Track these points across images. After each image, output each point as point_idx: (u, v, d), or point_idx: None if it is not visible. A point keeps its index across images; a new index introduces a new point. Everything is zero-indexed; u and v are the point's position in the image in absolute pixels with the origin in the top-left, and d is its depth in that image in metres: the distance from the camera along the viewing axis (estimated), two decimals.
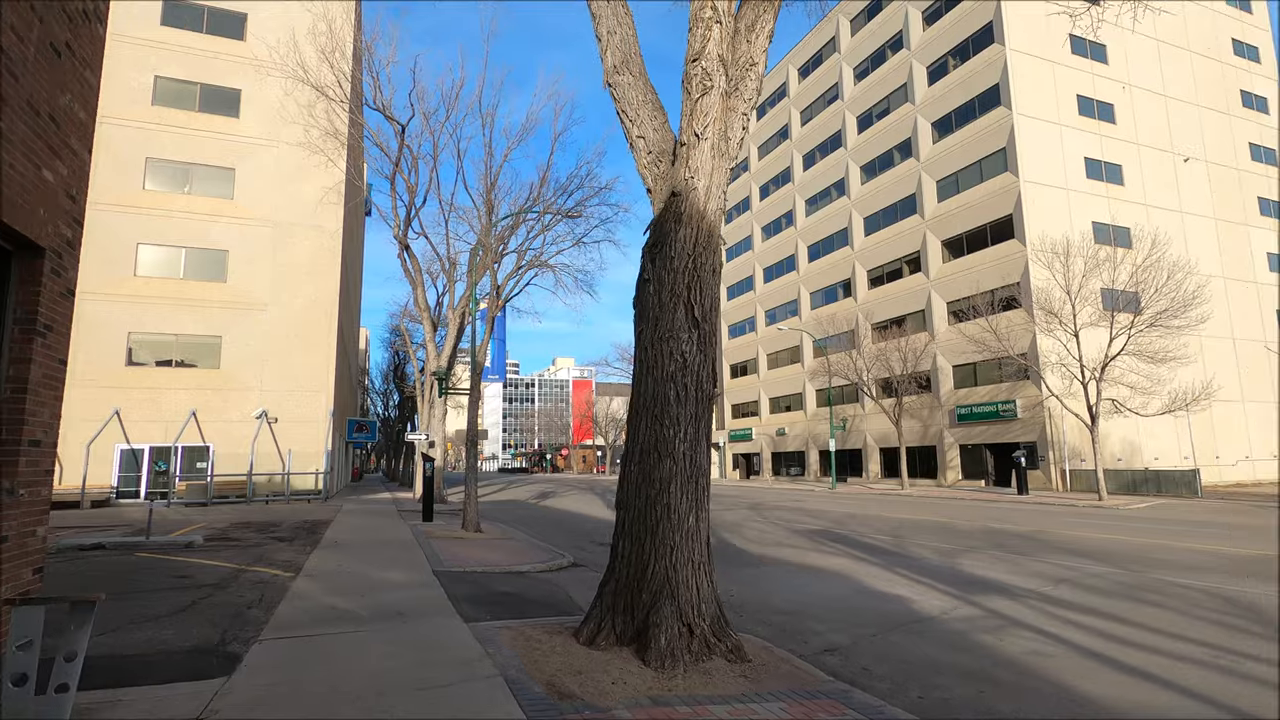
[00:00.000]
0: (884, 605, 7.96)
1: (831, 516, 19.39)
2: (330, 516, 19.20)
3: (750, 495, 31.36)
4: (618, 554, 5.63)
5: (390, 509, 22.53)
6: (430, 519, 17.77)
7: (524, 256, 15.91)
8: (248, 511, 21.12)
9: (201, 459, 25.25)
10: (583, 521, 19.53)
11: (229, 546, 12.57)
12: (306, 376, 27.09)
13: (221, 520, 18.14)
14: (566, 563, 11.22)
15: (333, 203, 28.09)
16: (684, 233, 5.80)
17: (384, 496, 30.85)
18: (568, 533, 16.39)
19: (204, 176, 26.98)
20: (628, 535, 5.61)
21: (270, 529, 15.84)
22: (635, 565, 5.46)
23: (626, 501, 5.71)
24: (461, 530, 15.03)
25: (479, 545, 12.99)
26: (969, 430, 34.58)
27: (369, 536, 14.18)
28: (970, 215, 35.03)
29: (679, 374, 5.68)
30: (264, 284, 27.02)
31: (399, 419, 57.02)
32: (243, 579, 9.00)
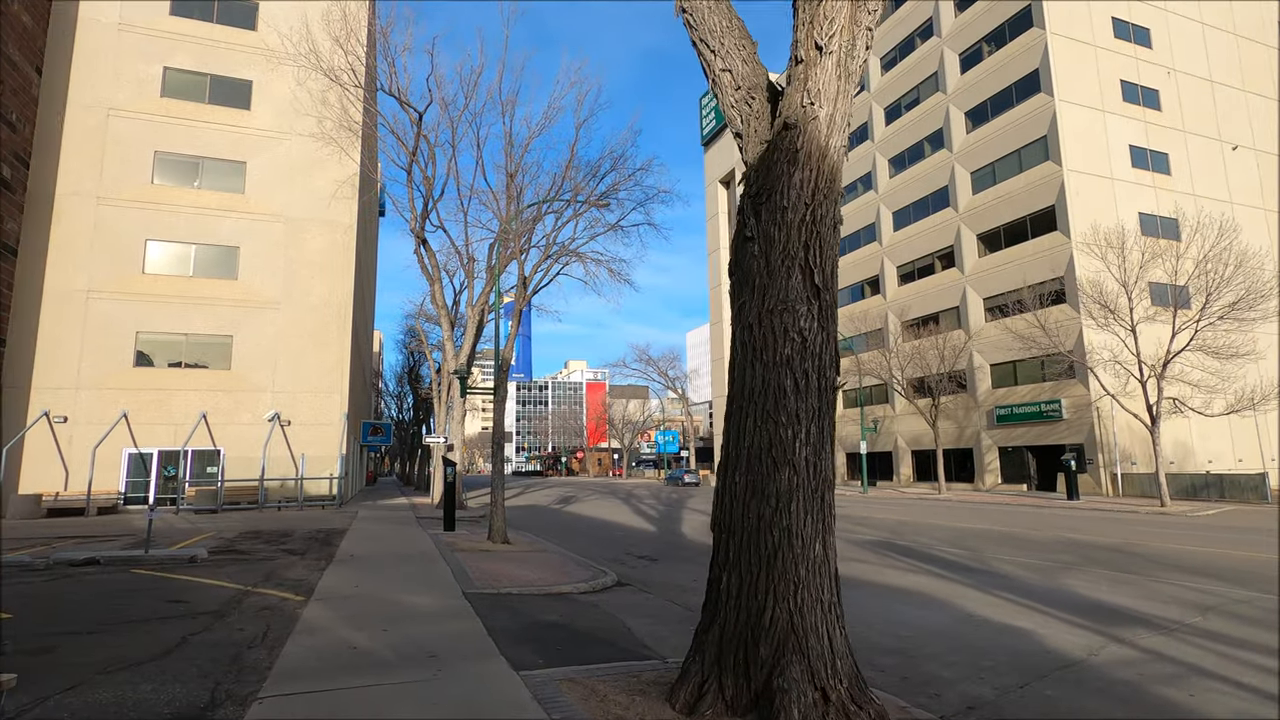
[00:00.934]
0: (1009, 641, 6.62)
1: (883, 524, 17.98)
2: (345, 525, 18.04)
3: None
4: (722, 592, 4.33)
5: (408, 516, 21.37)
6: (452, 528, 16.56)
7: (552, 245, 14.71)
8: (259, 519, 20.02)
9: (212, 464, 24.21)
10: (613, 530, 18.25)
11: (235, 561, 11.39)
12: (320, 377, 26.02)
13: (231, 529, 17.02)
14: (611, 582, 9.95)
15: (346, 197, 27.02)
16: (800, 176, 4.51)
17: (400, 502, 29.73)
18: (601, 543, 15.12)
19: (214, 170, 26.00)
20: (733, 568, 4.31)
21: (281, 539, 14.68)
22: (747, 608, 4.16)
23: (730, 523, 4.41)
24: (488, 541, 13.79)
25: (510, 560, 11.74)
26: (1009, 432, 32.99)
27: (387, 549, 12.98)
28: (1009, 207, 33.48)
29: (797, 357, 4.38)
30: (276, 281, 25.99)
31: (413, 422, 56.05)
32: (246, 605, 7.79)
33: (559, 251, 14.48)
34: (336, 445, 25.63)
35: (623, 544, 15.04)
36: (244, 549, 13.05)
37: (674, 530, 17.87)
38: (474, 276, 25.25)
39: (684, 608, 8.27)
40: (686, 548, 14.38)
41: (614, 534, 17.28)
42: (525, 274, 14.46)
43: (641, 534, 17.13)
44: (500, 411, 14.35)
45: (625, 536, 16.61)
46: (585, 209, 14.56)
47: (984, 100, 35.32)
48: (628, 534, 17.18)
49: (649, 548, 14.34)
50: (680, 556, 13.06)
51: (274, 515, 21.44)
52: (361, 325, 35.49)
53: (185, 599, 8.13)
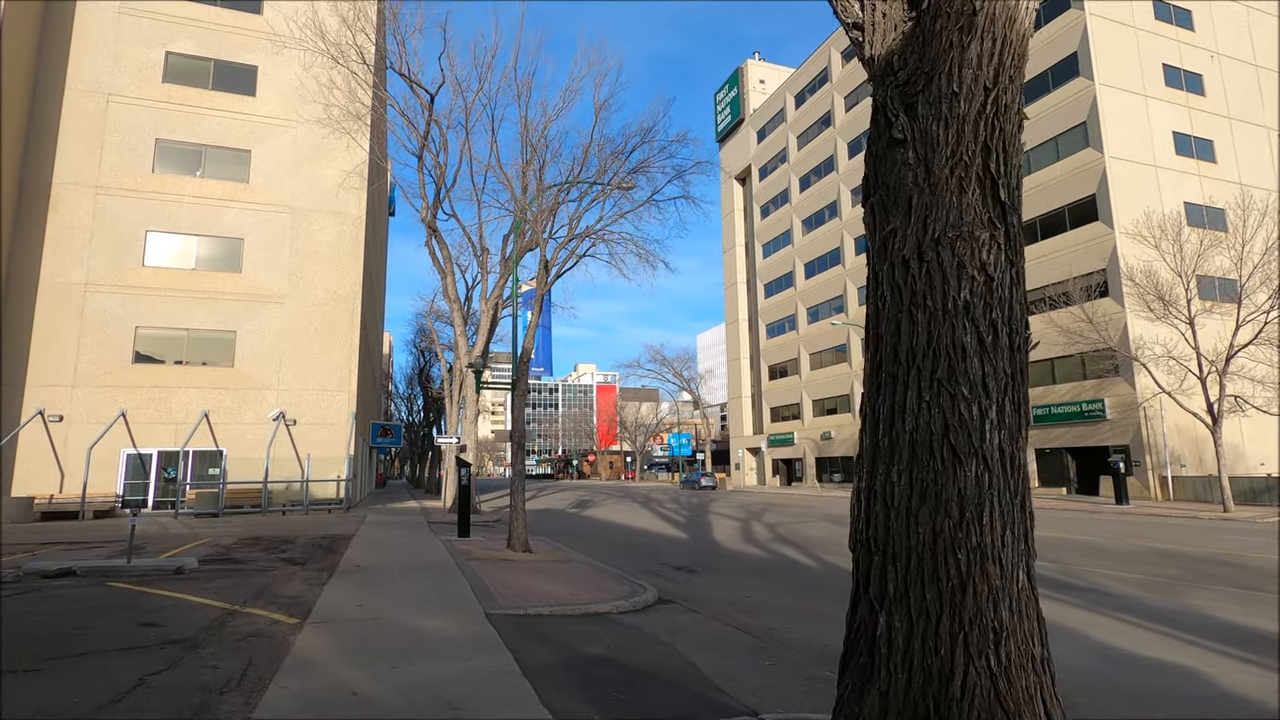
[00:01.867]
0: (1176, 683, 5.26)
1: None
2: (352, 530, 16.81)
3: (810, 505, 28.55)
4: (880, 642, 2.99)
5: (419, 521, 20.13)
6: (467, 533, 15.30)
7: (575, 226, 13.47)
8: (261, 524, 18.83)
9: (213, 465, 23.07)
10: (639, 537, 16.92)
11: (227, 572, 10.15)
12: (327, 375, 24.86)
13: (229, 534, 15.82)
14: (652, 598, 8.63)
15: (355, 187, 25.88)
16: (978, 49, 3.19)
17: (410, 505, 28.52)
18: (629, 551, 13.79)
19: (217, 159, 24.93)
20: (897, 606, 2.97)
21: (281, 546, 13.44)
22: (924, 667, 2.83)
23: (886, 540, 3.07)
24: (507, 549, 12.50)
25: (534, 571, 10.44)
26: (1046, 433, 31.42)
27: (397, 558, 11.71)
28: (1045, 197, 31.97)
29: (979, 303, 3.08)
30: (281, 274, 24.87)
31: (424, 423, 54.97)
32: (229, 630, 6.52)
33: (584, 233, 13.19)
34: (344, 446, 24.44)
35: (653, 552, 13.72)
36: (239, 557, 11.82)
37: (705, 537, 16.52)
38: (488, 269, 24.05)
39: (747, 633, 6.95)
40: (723, 557, 13.04)
41: (640, 541, 15.96)
42: (547, 257, 13.20)
43: (670, 541, 15.80)
44: (520, 407, 13.08)
45: (654, 544, 15.28)
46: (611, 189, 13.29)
47: None
48: (656, 541, 15.85)
49: (682, 557, 13.01)
50: (719, 568, 11.72)
51: (277, 520, 20.26)
52: (371, 323, 34.38)
53: (159, 621, 6.87)
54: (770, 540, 15.40)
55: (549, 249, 13.47)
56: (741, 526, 18.85)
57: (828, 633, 6.88)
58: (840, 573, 10.77)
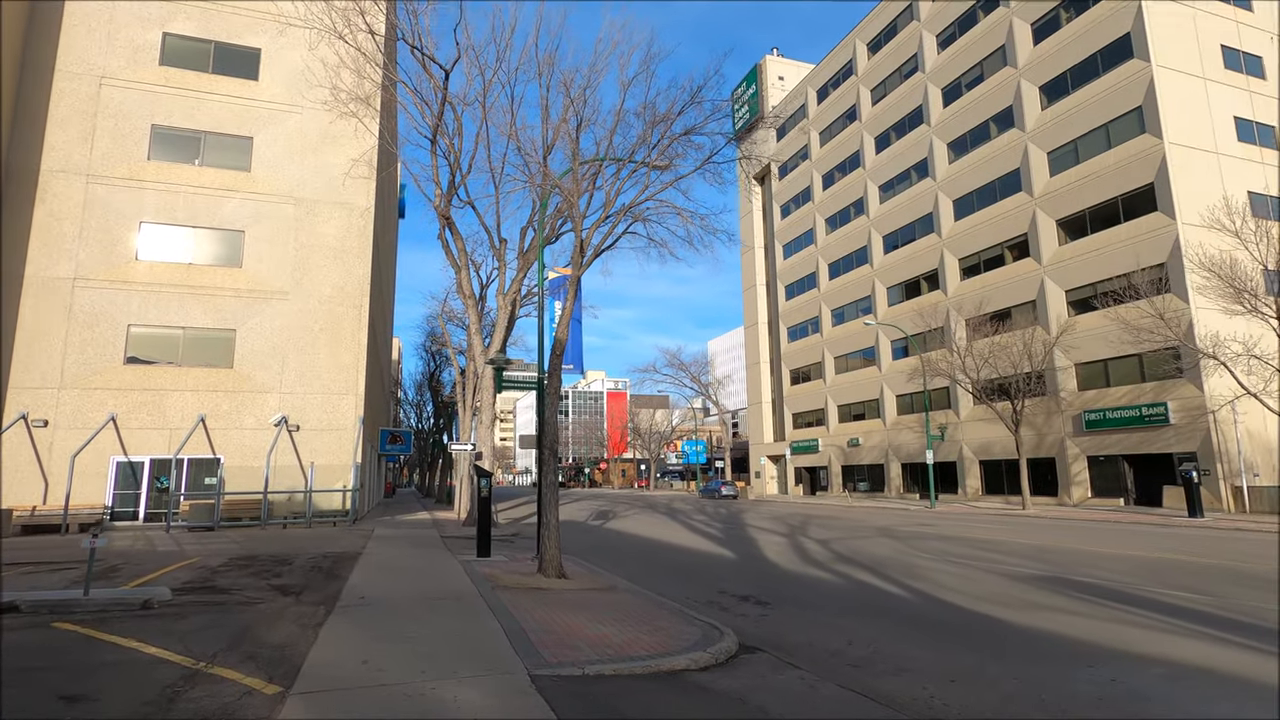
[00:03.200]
0: None
1: (1017, 549, 14.56)
2: (358, 547, 15.01)
3: (851, 517, 26.54)
4: None
5: (432, 535, 18.32)
6: (487, 553, 13.46)
7: (615, 198, 11.68)
8: (258, 539, 17.06)
9: (210, 473, 21.37)
10: (681, 556, 15.03)
11: (204, 606, 8.35)
12: (333, 377, 23.15)
13: (220, 553, 14.05)
14: (733, 645, 6.77)
15: (363, 176, 24.27)
16: None
17: (422, 517, 26.72)
18: (677, 575, 11.91)
19: (217, 146, 23.36)
20: None
21: (276, 569, 11.65)
22: None
23: None
24: (538, 575, 10.64)
25: (576, 606, 8.58)
26: (1101, 439, 29.30)
27: (410, 586, 9.88)
28: (1095, 188, 29.98)
29: None
30: (284, 269, 23.22)
31: (433, 430, 53.26)
32: (180, 708, 4.69)
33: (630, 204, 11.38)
34: (350, 453, 22.70)
35: (704, 576, 11.83)
36: (224, 585, 10.01)
37: (754, 555, 14.61)
38: (505, 263, 22.30)
39: (885, 704, 5.07)
40: (789, 582, 11.13)
41: (684, 561, 14.06)
42: (583, 234, 11.41)
43: (718, 562, 13.90)
44: (552, 408, 11.25)
45: (700, 565, 13.39)
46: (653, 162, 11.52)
47: (1063, 72, 31.91)
48: (701, 561, 13.96)
49: (742, 582, 11.11)
50: (793, 598, 9.82)
51: (277, 534, 18.49)
52: (379, 324, 32.73)
53: (88, 691, 5.06)
54: (833, 560, 13.48)
55: (586, 224, 11.66)
56: (789, 542, 16.92)
57: (997, 701, 5.01)
58: (945, 607, 8.85)
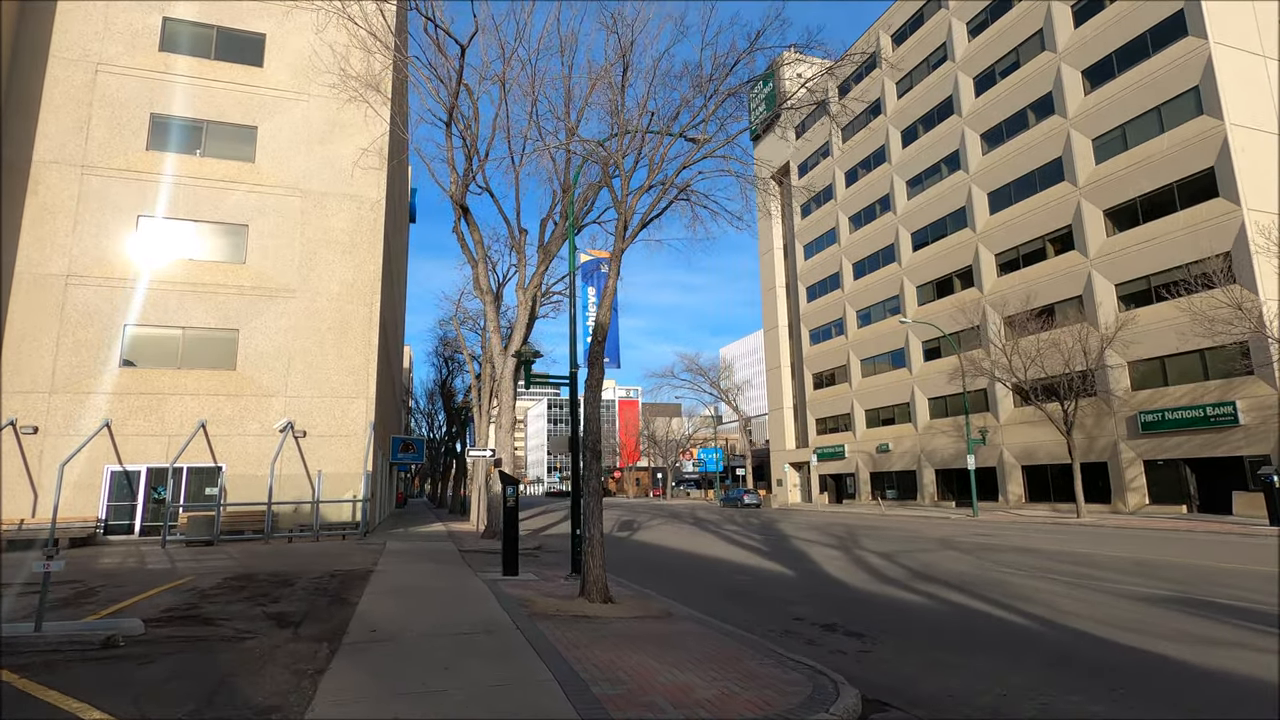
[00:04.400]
0: None
1: (1111, 564, 12.78)
2: (370, 563, 13.46)
3: (896, 526, 24.75)
4: None
5: (449, 549, 16.74)
6: (515, 570, 11.87)
7: (661, 164, 10.13)
8: (260, 555, 15.54)
9: (211, 483, 19.91)
10: (730, 572, 13.35)
11: (180, 644, 6.79)
12: (342, 380, 21.70)
13: (216, 571, 12.53)
14: (857, 702, 5.14)
15: (374, 167, 22.89)
16: None
17: (436, 529, 25.16)
18: (734, 595, 10.26)
19: (219, 136, 22.06)
20: None
21: (275, 592, 10.09)
22: None
23: None
24: (581, 598, 9.02)
25: (635, 640, 6.96)
26: (1159, 442, 27.38)
27: (431, 615, 8.30)
28: (1147, 174, 28.22)
29: None
30: (290, 265, 21.84)
31: (446, 438, 51.78)
32: None
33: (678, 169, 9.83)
34: (360, 461, 21.19)
35: (769, 599, 10.17)
36: (211, 613, 8.46)
37: (814, 572, 12.93)
38: (524, 255, 20.79)
39: None
40: (876, 606, 9.46)
41: (738, 580, 12.39)
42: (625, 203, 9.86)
43: (777, 580, 12.23)
44: (593, 402, 9.66)
45: (760, 585, 11.72)
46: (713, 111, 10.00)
47: (1108, 54, 30.23)
48: (759, 580, 12.28)
49: (817, 606, 9.45)
50: (888, 626, 8.16)
51: (281, 549, 16.96)
52: (391, 326, 31.32)
53: None
54: (910, 578, 11.78)
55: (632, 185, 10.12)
56: (847, 556, 15.21)
57: None
58: (1090, 640, 7.15)
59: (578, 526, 12.02)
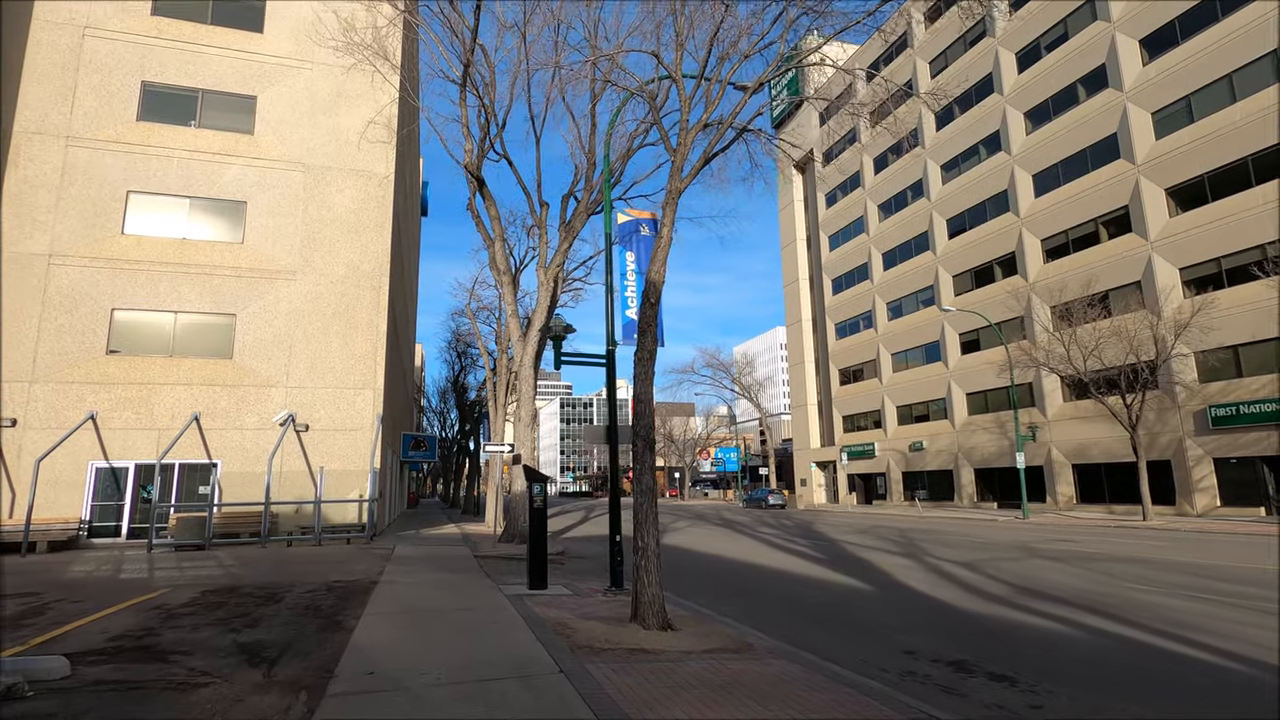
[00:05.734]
0: None
1: (1246, 577, 10.76)
2: (374, 573, 11.67)
3: (948, 529, 22.73)
4: None
5: (463, 555, 14.94)
6: (544, 583, 10.04)
7: (720, 98, 8.25)
8: (253, 562, 13.81)
9: (204, 481, 18.24)
10: (789, 584, 11.43)
11: (106, 692, 5.00)
12: (347, 369, 19.98)
13: (195, 583, 10.79)
14: None
15: (382, 140, 21.19)
16: None
17: (450, 531, 23.41)
18: (811, 616, 8.36)
19: (216, 106, 20.42)
20: None
21: (256, 611, 8.31)
22: None
23: None
24: (633, 624, 7.16)
25: (720, 692, 5.08)
26: (1232, 439, 25.17)
27: (446, 647, 6.46)
28: (1216, 148, 26.02)
29: None
30: (292, 245, 20.15)
31: (459, 436, 50.09)
32: None
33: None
34: (367, 457, 19.45)
35: (860, 623, 8.26)
36: (167, 644, 6.67)
37: (898, 586, 11.01)
38: (545, 230, 18.97)
39: None
40: (1006, 635, 7.53)
41: (806, 595, 10.48)
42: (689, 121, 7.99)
43: (858, 597, 10.30)
44: (645, 376, 7.79)
45: (840, 604, 9.81)
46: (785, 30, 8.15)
47: (1169, 21, 28.03)
48: (835, 597, 10.37)
49: (931, 636, 7.54)
50: (1041, 667, 6.24)
51: (278, 554, 15.23)
52: (401, 314, 29.62)
53: None
54: (1017, 595, 9.83)
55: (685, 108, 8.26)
56: (923, 566, 13.26)
57: None
58: None
59: (617, 533, 10.18)
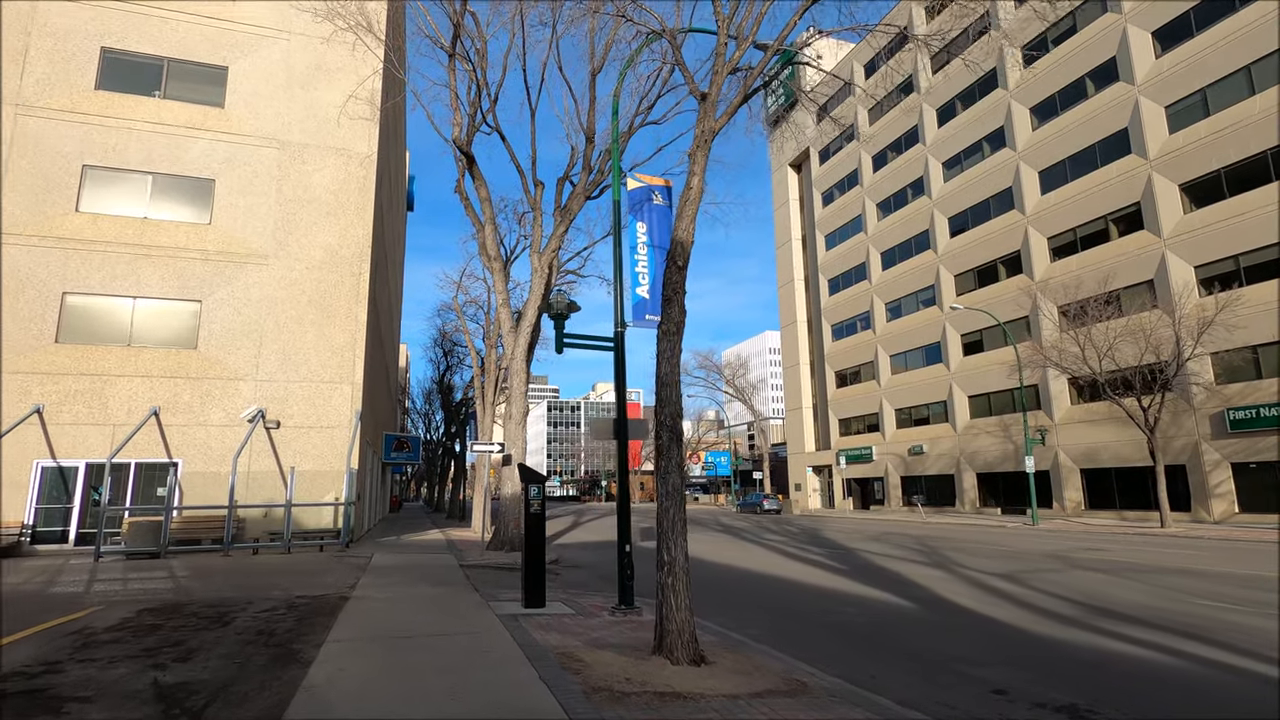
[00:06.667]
0: None
1: None
2: (346, 586, 10.22)
3: (962, 537, 21.56)
4: None
5: (449, 564, 13.51)
6: (541, 601, 8.65)
7: (756, 29, 7.05)
8: (208, 573, 12.29)
9: (164, 482, 16.64)
10: (812, 596, 10.09)
11: None
12: (323, 361, 18.48)
13: (134, 600, 9.30)
14: None
15: (364, 118, 19.76)
16: None
17: (434, 537, 21.91)
18: (866, 644, 7.03)
19: (183, 76, 18.88)
20: None
21: (194, 638, 6.85)
22: None
23: None
24: (659, 656, 5.79)
25: None
26: (1252, 443, 24.25)
27: (428, 693, 5.05)
28: (1234, 142, 25.18)
29: None
30: (264, 227, 18.64)
31: (444, 438, 48.46)
32: None
33: None
34: (343, 457, 17.94)
35: (917, 649, 6.94)
36: (66, 685, 5.22)
37: (941, 603, 9.72)
38: (541, 212, 17.61)
39: None
40: (1099, 666, 6.24)
41: (847, 615, 9.16)
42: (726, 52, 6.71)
43: (900, 616, 9.00)
44: (672, 356, 6.46)
45: (881, 623, 8.50)
46: None
47: (1183, 13, 27.24)
48: (872, 615, 9.05)
49: (1012, 668, 6.23)
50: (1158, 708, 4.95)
51: (241, 563, 13.70)
52: (384, 309, 28.08)
53: None
54: (1089, 615, 8.58)
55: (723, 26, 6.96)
56: (959, 579, 12.00)
57: None
58: None
59: (626, 541, 8.81)
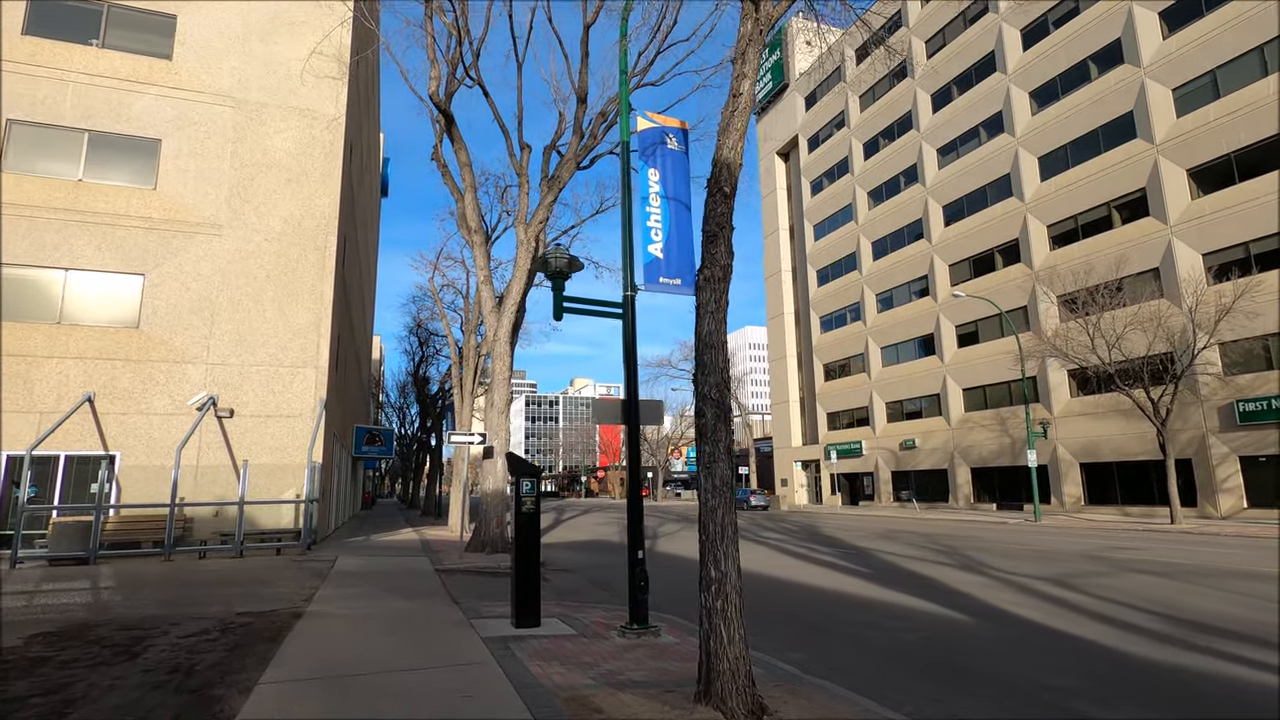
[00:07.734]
0: None
1: None
2: (300, 599, 8.60)
3: (971, 534, 20.41)
4: None
5: (423, 569, 11.89)
6: (536, 619, 7.13)
7: None
8: (140, 582, 10.55)
9: (97, 477, 14.77)
10: (840, 605, 8.67)
11: None
12: (283, 343, 16.69)
13: (34, 619, 7.60)
14: None
15: (332, 76, 17.96)
16: None
17: (407, 536, 20.21)
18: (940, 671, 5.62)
19: (125, 24, 16.92)
20: None
21: (87, 679, 5.21)
22: None
23: None
24: (705, 708, 4.31)
25: None
26: (1261, 436, 23.47)
27: None
28: (1246, 125, 24.35)
29: None
30: (218, 194, 16.78)
31: (419, 432, 46.51)
32: None
33: None
34: (305, 449, 16.19)
35: (983, 665, 5.52)
36: None
37: (972, 606, 8.36)
38: (527, 178, 15.98)
39: None
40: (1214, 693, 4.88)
41: (873, 621, 7.74)
42: None
43: (952, 630, 7.60)
44: (718, 316, 4.97)
45: (934, 636, 7.08)
46: None
47: None
48: (905, 622, 7.64)
49: (1080, 681, 4.83)
50: None
51: (183, 569, 11.95)
52: (355, 288, 26.18)
53: None
54: (1176, 628, 7.29)
55: None
56: (1000, 583, 10.69)
57: None
58: None
59: (639, 546, 7.31)
